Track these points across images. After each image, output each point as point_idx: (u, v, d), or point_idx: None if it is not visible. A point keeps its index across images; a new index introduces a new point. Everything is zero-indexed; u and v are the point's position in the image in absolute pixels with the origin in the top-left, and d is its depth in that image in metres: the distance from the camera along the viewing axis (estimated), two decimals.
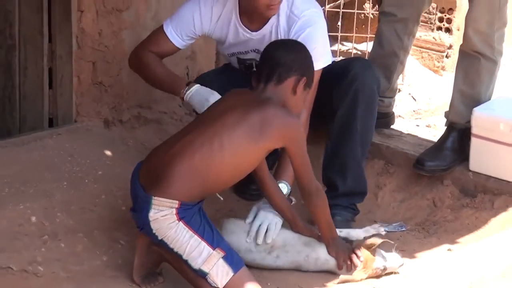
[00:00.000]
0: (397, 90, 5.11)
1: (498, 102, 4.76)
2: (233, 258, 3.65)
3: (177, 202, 3.60)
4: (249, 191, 4.49)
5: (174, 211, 3.60)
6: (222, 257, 3.60)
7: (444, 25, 6.32)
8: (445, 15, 6.28)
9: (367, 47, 5.87)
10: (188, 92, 4.30)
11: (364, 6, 6.38)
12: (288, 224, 4.06)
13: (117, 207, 4.32)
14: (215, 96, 4.26)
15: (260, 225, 4.02)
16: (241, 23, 4.40)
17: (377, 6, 6.10)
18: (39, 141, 4.75)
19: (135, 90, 5.17)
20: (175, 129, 4.91)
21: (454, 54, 5.99)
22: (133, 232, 4.00)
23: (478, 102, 4.64)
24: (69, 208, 4.20)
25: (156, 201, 3.60)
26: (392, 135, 5.01)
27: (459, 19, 6.07)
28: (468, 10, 4.68)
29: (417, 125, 5.41)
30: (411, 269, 4.04)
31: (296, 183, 3.99)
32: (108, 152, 4.78)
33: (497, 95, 4.81)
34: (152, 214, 3.61)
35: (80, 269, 3.89)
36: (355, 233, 4.23)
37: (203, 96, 4.28)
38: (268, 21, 4.40)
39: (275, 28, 4.42)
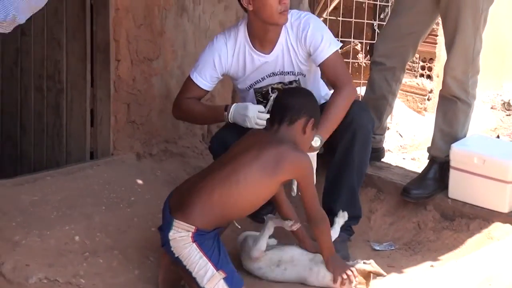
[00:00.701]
0: (387, 128, 5.12)
1: (472, 139, 4.77)
2: (233, 280, 3.67)
3: (193, 227, 3.64)
4: (260, 215, 4.48)
5: (190, 234, 3.63)
6: (223, 278, 3.62)
7: (425, 72, 6.33)
8: (427, 64, 6.29)
9: (360, 91, 5.86)
10: (229, 115, 4.27)
11: (357, 56, 6.38)
12: (297, 240, 4.07)
13: (147, 228, 4.30)
14: (250, 108, 4.22)
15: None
16: (254, 49, 4.35)
17: (369, 56, 6.13)
18: (82, 171, 4.76)
19: (162, 128, 5.16)
20: (196, 161, 4.95)
21: (435, 97, 5.99)
22: (160, 250, 3.99)
23: (455, 139, 4.64)
24: (107, 229, 4.21)
25: (177, 223, 3.64)
26: (382, 167, 5.01)
27: (438, 67, 6.08)
28: (446, 60, 4.69)
29: (404, 158, 5.41)
30: (399, 283, 4.01)
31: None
32: (139, 181, 4.77)
33: (471, 133, 4.81)
34: (172, 234, 3.65)
35: (116, 282, 3.90)
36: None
37: (241, 113, 4.23)
38: (278, 41, 4.35)
39: (285, 44, 4.35)
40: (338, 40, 4.49)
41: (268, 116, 4.11)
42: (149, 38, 5.03)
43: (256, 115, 4.19)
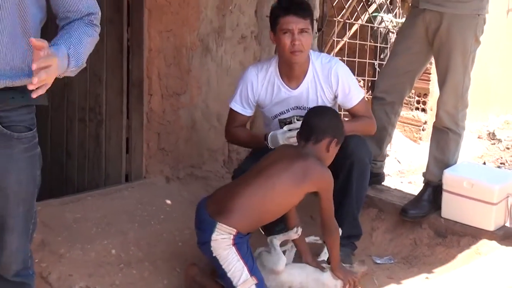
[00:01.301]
0: (386, 155, 5.12)
1: (462, 165, 4.78)
2: (262, 287, 3.69)
3: (235, 230, 3.63)
4: (274, 231, 4.48)
5: (232, 237, 3.63)
6: (255, 284, 3.63)
7: (420, 106, 6.34)
8: (421, 99, 6.31)
9: None
10: (269, 143, 4.24)
11: None
12: (301, 253, 4.07)
13: (175, 243, 4.31)
14: (279, 137, 4.19)
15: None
16: (282, 83, 4.31)
17: (370, 91, 6.13)
18: (118, 193, 4.78)
19: (188, 154, 5.16)
20: (218, 183, 4.90)
21: (428, 128, 6.00)
22: (186, 263, 4.06)
23: (447, 165, 4.65)
24: (139, 243, 4.22)
25: (220, 226, 3.63)
26: (383, 189, 5.02)
27: (431, 101, 6.09)
28: (439, 96, 4.71)
29: (401, 182, 5.41)
30: None
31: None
32: (168, 201, 4.77)
33: (461, 160, 4.82)
34: (214, 236, 3.63)
35: None
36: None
37: (276, 140, 4.20)
38: (304, 78, 4.30)
39: (312, 82, 4.30)
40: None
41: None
42: (178, 75, 5.04)
43: (288, 137, 4.17)
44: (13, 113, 2.66)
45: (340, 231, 4.09)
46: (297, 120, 4.29)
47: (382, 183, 5.11)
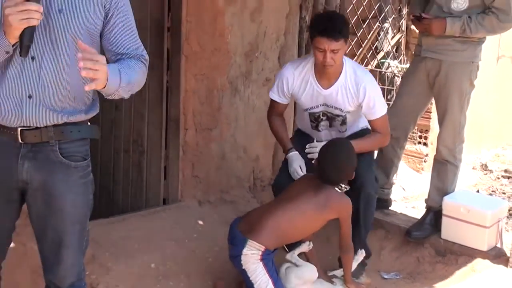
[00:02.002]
0: (393, 183, 5.08)
1: (459, 193, 4.76)
2: None
3: (263, 247, 3.67)
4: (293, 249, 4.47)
5: (260, 253, 3.66)
6: None
7: (422, 140, 6.30)
8: (423, 134, 6.27)
9: (374, 154, 5.84)
10: (288, 155, 4.30)
11: None
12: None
13: (206, 258, 4.32)
14: (295, 161, 4.24)
15: None
16: (316, 81, 4.26)
17: None
18: (157, 214, 4.79)
19: (218, 181, 5.16)
20: (244, 207, 4.91)
21: (429, 160, 5.95)
22: (216, 277, 4.08)
23: (446, 193, 4.62)
24: (175, 258, 4.23)
25: (250, 242, 3.67)
26: (389, 213, 4.99)
27: (432, 137, 6.05)
28: (439, 132, 4.70)
29: (406, 207, 5.35)
30: None
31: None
32: (200, 222, 4.77)
33: (458, 188, 4.79)
34: (245, 251, 3.67)
35: None
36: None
37: (292, 160, 4.26)
38: (336, 82, 4.23)
39: (342, 88, 4.23)
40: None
41: (302, 174, 4.16)
42: (209, 113, 5.05)
43: (296, 170, 4.21)
44: (71, 145, 2.68)
45: (363, 252, 4.14)
46: (323, 116, 4.34)
47: (389, 208, 5.07)
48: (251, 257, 3.70)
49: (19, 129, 2.60)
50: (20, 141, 2.62)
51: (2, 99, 2.57)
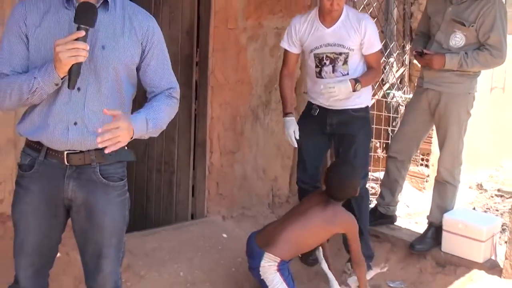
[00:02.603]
0: (398, 201, 5.06)
1: (458, 210, 4.73)
2: None
3: (279, 259, 3.67)
4: (308, 260, 4.45)
5: (276, 264, 3.65)
6: None
7: (424, 163, 6.27)
8: (425, 157, 6.24)
9: (379, 175, 5.82)
10: (285, 119, 4.31)
11: (377, 151, 6.35)
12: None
13: (230, 268, 4.30)
14: (289, 127, 4.25)
15: None
16: (320, 23, 4.26)
17: (385, 151, 6.11)
18: (186, 228, 4.79)
19: (240, 198, 5.15)
20: (264, 221, 4.89)
21: (430, 180, 5.93)
22: (238, 285, 4.10)
23: (446, 210, 4.59)
24: (202, 268, 4.22)
25: (267, 255, 3.67)
26: (395, 228, 4.95)
27: (433, 159, 6.03)
28: (439, 155, 4.67)
29: (409, 222, 5.31)
30: None
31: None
32: (224, 235, 4.76)
33: (457, 206, 4.77)
34: (263, 263, 3.67)
35: None
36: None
37: (289, 124, 4.27)
38: (337, 21, 4.23)
39: (343, 25, 4.23)
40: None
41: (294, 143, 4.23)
42: (233, 137, 5.07)
43: (289, 135, 4.25)
44: (110, 167, 2.69)
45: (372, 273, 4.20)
46: (326, 59, 4.28)
47: (394, 223, 5.04)
48: (269, 268, 3.70)
49: (65, 152, 2.62)
50: (66, 163, 2.63)
51: (52, 126, 2.59)
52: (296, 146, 4.27)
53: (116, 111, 2.49)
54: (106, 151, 2.45)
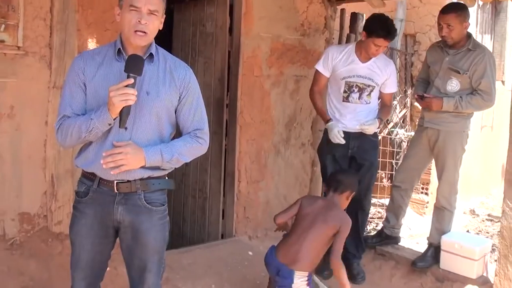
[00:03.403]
0: (401, 224, 4.99)
1: (454, 233, 4.65)
2: None
3: (307, 273, 3.54)
4: (324, 274, 4.40)
5: (306, 278, 3.53)
6: None
7: (424, 191, 6.25)
8: (425, 186, 6.22)
9: (385, 201, 5.79)
10: (328, 124, 4.35)
11: (383, 180, 6.34)
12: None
13: (255, 281, 4.27)
14: (336, 128, 4.30)
15: None
16: (356, 56, 4.35)
17: (390, 181, 6.09)
18: (216, 246, 4.78)
19: (264, 221, 5.11)
20: None
21: (430, 206, 5.91)
22: None
23: (444, 232, 4.53)
24: (230, 281, 4.21)
25: (297, 273, 3.52)
26: (399, 248, 4.87)
27: (432, 188, 6.01)
28: (438, 185, 4.61)
29: (411, 243, 5.28)
30: None
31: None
32: (250, 253, 4.73)
33: (453, 229, 4.70)
34: (296, 281, 3.52)
35: None
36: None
37: (332, 127, 4.32)
38: (371, 60, 4.34)
39: (373, 65, 4.36)
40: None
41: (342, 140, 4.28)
42: (258, 169, 5.07)
43: (335, 135, 4.29)
44: (153, 194, 2.70)
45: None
46: (355, 87, 4.37)
47: (398, 243, 4.96)
48: (301, 284, 3.56)
49: (115, 182, 2.64)
50: (116, 191, 2.65)
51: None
52: (344, 142, 4.31)
53: (125, 142, 2.56)
54: (112, 172, 2.53)
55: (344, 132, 4.35)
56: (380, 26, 4.19)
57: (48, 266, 3.68)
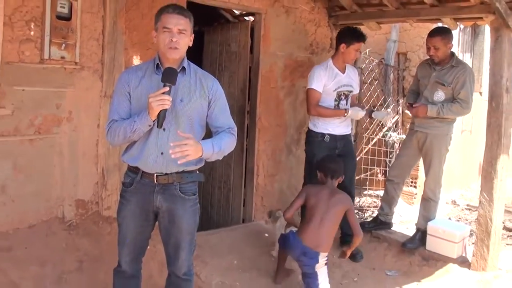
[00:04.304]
0: (393, 212, 4.94)
1: (438, 220, 4.60)
2: None
3: (327, 253, 3.55)
4: (357, 258, 4.41)
5: (326, 258, 3.54)
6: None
7: (413, 184, 6.19)
8: (413, 180, 6.16)
9: (379, 193, 5.75)
10: (348, 114, 4.29)
11: (378, 175, 6.30)
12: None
13: (270, 256, 4.27)
14: (357, 110, 4.29)
15: None
16: (337, 70, 4.34)
17: (384, 176, 6.04)
18: (238, 229, 4.78)
19: (279, 208, 5.09)
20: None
21: (418, 197, 5.86)
22: (276, 266, 3.97)
23: (429, 219, 4.49)
24: (249, 257, 4.21)
25: (322, 254, 3.53)
26: (391, 232, 4.83)
27: (420, 182, 5.95)
28: (425, 180, 4.57)
29: (402, 228, 5.23)
30: None
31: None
32: (266, 234, 4.71)
33: (437, 217, 4.65)
34: (320, 261, 3.52)
35: (257, 283, 3.87)
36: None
37: (354, 112, 4.28)
38: (346, 70, 4.36)
39: (348, 74, 4.38)
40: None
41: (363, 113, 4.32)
42: (273, 165, 5.04)
43: (359, 113, 4.31)
44: (186, 186, 2.71)
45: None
46: (343, 95, 4.36)
47: (391, 228, 4.92)
48: (322, 263, 3.57)
49: (155, 174, 2.65)
50: (155, 182, 2.66)
51: (146, 156, 2.64)
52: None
53: (188, 134, 2.52)
54: (179, 162, 2.47)
55: (332, 136, 4.36)
56: (354, 34, 4.28)
57: (99, 244, 3.70)
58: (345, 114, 4.30)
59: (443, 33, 4.31)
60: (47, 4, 3.49)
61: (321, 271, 3.56)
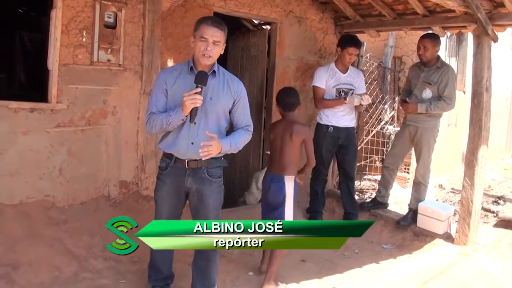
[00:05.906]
0: (389, 194, 4.88)
1: (427, 201, 4.54)
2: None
3: (293, 176, 3.26)
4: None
5: (293, 180, 3.26)
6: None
7: (406, 170, 6.11)
8: (406, 167, 6.08)
9: (377, 177, 5.68)
10: (347, 101, 4.22)
11: (375, 162, 6.23)
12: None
13: None
14: (353, 97, 4.19)
15: None
16: (338, 70, 4.30)
17: (381, 163, 5.98)
18: (255, 208, 4.44)
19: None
20: (304, 206, 4.81)
21: (410, 181, 5.78)
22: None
23: (420, 200, 4.43)
24: None
25: (286, 177, 3.25)
26: (387, 211, 4.77)
27: (412, 168, 5.87)
28: (416, 166, 4.52)
29: (396, 208, 5.18)
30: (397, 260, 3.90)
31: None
32: None
33: (427, 198, 4.60)
34: (286, 183, 3.24)
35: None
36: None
37: (351, 99, 4.19)
38: (348, 70, 4.32)
39: (350, 74, 4.33)
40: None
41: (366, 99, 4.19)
42: None
43: (357, 99, 4.18)
44: (213, 170, 2.72)
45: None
46: (342, 92, 4.30)
47: (387, 208, 4.85)
48: (289, 187, 3.24)
49: (186, 160, 2.66)
50: (187, 167, 2.67)
51: (179, 145, 2.64)
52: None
53: (213, 134, 2.55)
54: (204, 158, 2.54)
55: (335, 127, 4.34)
56: (349, 40, 4.27)
57: (139, 219, 3.65)
58: (345, 102, 4.26)
59: (433, 37, 4.31)
60: (97, 15, 3.55)
61: (288, 203, 3.23)
